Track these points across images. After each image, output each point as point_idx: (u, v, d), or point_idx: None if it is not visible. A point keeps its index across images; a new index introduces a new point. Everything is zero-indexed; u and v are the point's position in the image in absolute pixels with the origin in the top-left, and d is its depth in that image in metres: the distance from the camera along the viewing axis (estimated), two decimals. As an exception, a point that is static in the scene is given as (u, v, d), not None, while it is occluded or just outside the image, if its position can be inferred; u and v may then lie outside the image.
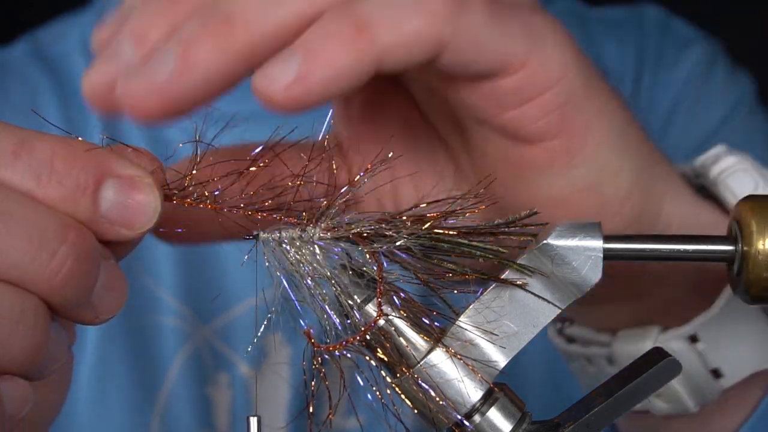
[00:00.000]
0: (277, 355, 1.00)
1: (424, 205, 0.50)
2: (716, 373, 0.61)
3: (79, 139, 0.47)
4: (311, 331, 0.49)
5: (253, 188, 0.51)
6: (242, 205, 0.50)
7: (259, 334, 0.52)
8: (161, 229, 0.49)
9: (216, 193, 0.50)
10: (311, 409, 0.50)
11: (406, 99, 0.58)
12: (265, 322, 0.52)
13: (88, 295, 0.46)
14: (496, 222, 0.50)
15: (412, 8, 0.45)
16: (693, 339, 0.60)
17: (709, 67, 1.12)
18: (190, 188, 0.50)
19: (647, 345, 0.60)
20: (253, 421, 0.51)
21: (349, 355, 0.50)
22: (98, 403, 1.00)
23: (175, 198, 0.49)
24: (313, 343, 0.49)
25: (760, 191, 0.59)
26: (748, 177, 0.60)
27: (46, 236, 0.44)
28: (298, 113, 0.43)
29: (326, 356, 0.49)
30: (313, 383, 0.50)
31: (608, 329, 0.63)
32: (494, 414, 0.50)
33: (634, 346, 0.61)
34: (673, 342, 0.60)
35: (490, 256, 0.49)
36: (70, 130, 1.05)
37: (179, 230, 0.52)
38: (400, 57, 0.45)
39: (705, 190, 0.62)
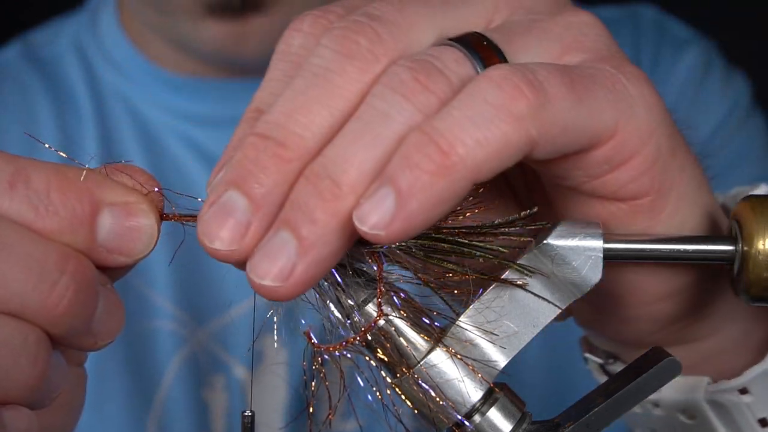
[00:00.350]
0: (274, 357, 1.00)
1: None
2: (763, 423, 0.60)
3: (76, 162, 0.47)
4: (310, 331, 0.49)
5: None
6: None
7: (255, 336, 0.52)
8: None
9: None
10: (311, 410, 0.50)
11: None
12: (265, 321, 0.52)
13: (89, 323, 0.47)
14: (496, 222, 0.50)
15: (494, 116, 0.44)
16: (742, 391, 0.59)
17: (705, 70, 1.12)
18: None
19: (698, 395, 0.59)
20: (247, 417, 0.51)
21: (349, 356, 0.49)
22: (95, 407, 0.99)
23: (171, 216, 0.49)
24: (312, 343, 0.49)
25: None
26: None
27: (47, 267, 0.44)
28: (403, 240, 0.44)
29: (326, 356, 0.49)
30: (312, 384, 0.50)
31: None
32: (494, 414, 0.50)
33: (682, 395, 0.60)
34: (726, 395, 0.59)
35: (490, 256, 0.49)
36: (63, 133, 1.05)
37: None
38: (492, 167, 0.44)
39: None
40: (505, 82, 0.44)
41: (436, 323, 0.50)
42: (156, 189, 0.49)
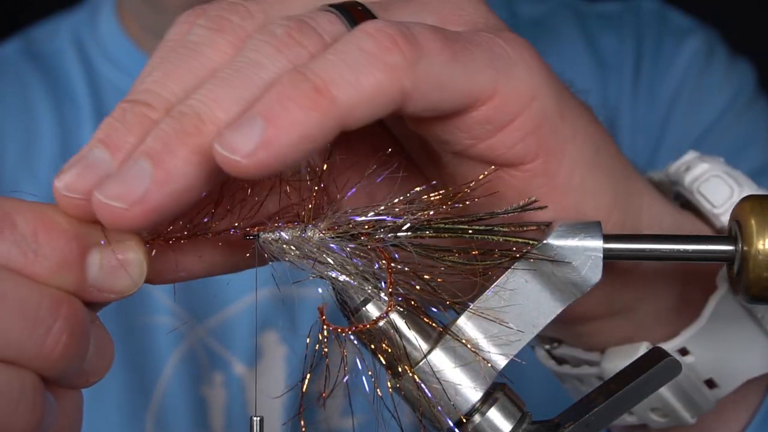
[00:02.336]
0: (273, 354, 1.00)
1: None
2: (710, 384, 0.60)
3: (56, 203, 0.46)
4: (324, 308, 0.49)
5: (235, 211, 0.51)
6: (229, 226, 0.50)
7: (256, 336, 0.52)
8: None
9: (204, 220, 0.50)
10: (305, 385, 0.50)
11: (381, 130, 0.58)
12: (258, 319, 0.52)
13: (81, 363, 0.47)
14: (495, 212, 0.50)
15: (369, 64, 0.44)
16: (683, 352, 0.60)
17: (707, 58, 1.11)
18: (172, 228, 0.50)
19: None
20: (256, 420, 0.51)
21: (355, 342, 0.49)
22: (92, 403, 0.99)
23: (156, 240, 0.49)
24: (324, 320, 0.49)
25: (736, 197, 0.58)
26: (722, 183, 0.59)
27: (41, 313, 0.44)
28: (263, 176, 0.43)
29: (334, 336, 0.49)
30: (316, 380, 0.50)
31: (596, 348, 0.62)
32: (494, 414, 0.50)
33: (622, 362, 0.59)
34: None
35: (494, 237, 0.49)
36: (61, 128, 1.05)
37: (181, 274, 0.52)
38: (363, 113, 0.44)
39: (682, 197, 0.62)
40: (380, 33, 0.45)
41: (441, 321, 0.50)
42: None
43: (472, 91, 0.48)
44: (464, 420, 0.50)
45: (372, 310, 0.49)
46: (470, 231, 0.49)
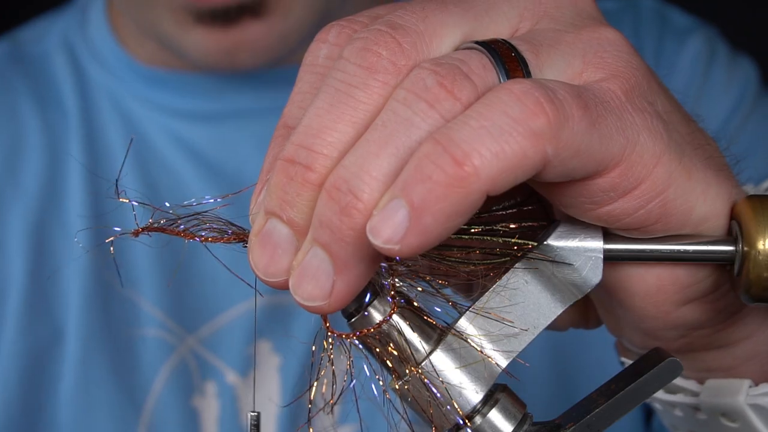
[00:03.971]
0: (267, 364, 1.00)
1: None
2: None
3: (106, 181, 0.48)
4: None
5: None
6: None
7: (256, 336, 0.52)
8: None
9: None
10: (313, 392, 0.50)
11: None
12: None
13: None
14: (493, 207, 0.50)
15: (513, 130, 0.43)
16: None
17: (709, 58, 1.11)
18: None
19: (739, 400, 0.58)
20: (251, 417, 0.51)
21: (360, 346, 0.49)
22: (82, 417, 0.99)
23: (152, 228, 0.50)
24: (328, 327, 0.49)
25: None
26: None
27: None
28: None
29: (339, 343, 0.49)
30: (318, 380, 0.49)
31: (693, 377, 0.61)
32: (495, 415, 0.50)
33: (722, 399, 0.59)
34: (767, 398, 0.58)
35: (495, 239, 0.49)
36: (46, 133, 1.04)
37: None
38: (506, 181, 0.43)
39: None
40: (527, 96, 0.43)
41: (443, 322, 0.50)
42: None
43: (605, 158, 0.47)
44: (466, 421, 0.50)
45: (374, 313, 0.49)
46: (471, 231, 0.49)
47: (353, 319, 0.50)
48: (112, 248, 0.55)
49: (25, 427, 0.98)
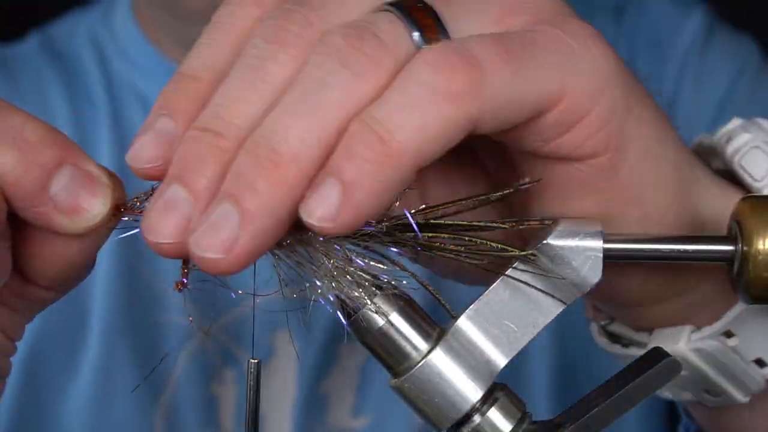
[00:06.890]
0: (285, 354, 1.01)
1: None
2: (760, 363, 0.59)
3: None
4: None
5: None
6: None
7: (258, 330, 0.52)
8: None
9: None
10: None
11: None
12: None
13: None
14: (491, 195, 0.50)
15: (432, 98, 0.43)
16: (728, 334, 0.58)
17: (708, 33, 1.10)
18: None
19: (681, 345, 0.59)
20: (252, 364, 0.51)
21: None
22: (102, 401, 1.00)
23: (129, 209, 0.49)
24: (185, 273, 0.50)
25: None
26: (762, 154, 0.57)
27: None
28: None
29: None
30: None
31: (644, 329, 0.62)
32: (494, 414, 0.50)
33: (667, 346, 0.59)
34: (707, 341, 0.59)
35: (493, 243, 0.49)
36: (77, 127, 1.06)
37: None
38: (435, 149, 0.44)
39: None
40: (440, 62, 0.44)
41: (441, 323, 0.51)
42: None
43: (541, 99, 0.47)
44: (464, 420, 0.50)
45: (374, 314, 0.50)
46: (469, 232, 0.49)
47: (352, 319, 0.50)
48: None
49: (45, 408, 1.00)
